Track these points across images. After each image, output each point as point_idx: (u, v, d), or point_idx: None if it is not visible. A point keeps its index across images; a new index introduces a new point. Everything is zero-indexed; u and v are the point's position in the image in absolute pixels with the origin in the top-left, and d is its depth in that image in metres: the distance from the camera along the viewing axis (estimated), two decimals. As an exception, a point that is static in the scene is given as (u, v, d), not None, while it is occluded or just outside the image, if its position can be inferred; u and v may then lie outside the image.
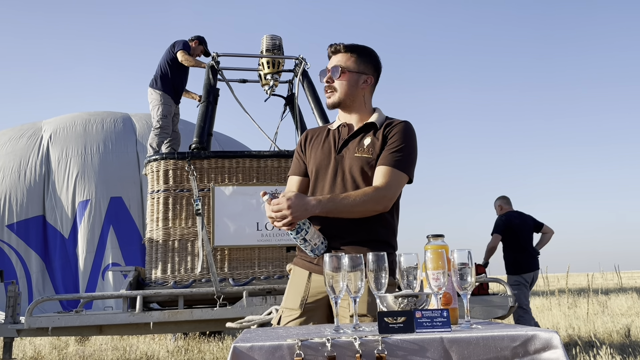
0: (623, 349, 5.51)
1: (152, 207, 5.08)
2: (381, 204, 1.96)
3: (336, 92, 2.11)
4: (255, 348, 1.31)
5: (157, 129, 6.03)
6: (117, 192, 8.88)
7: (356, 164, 2.03)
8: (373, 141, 2.05)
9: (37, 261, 8.57)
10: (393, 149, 2.01)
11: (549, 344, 1.33)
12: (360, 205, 1.92)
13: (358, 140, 2.08)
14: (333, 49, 2.15)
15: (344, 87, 2.11)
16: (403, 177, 2.01)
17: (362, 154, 2.04)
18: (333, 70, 2.11)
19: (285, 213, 1.86)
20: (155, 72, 6.25)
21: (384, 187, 1.96)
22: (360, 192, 1.95)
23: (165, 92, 6.13)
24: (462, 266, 1.55)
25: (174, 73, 6.20)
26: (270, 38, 5.99)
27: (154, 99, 6.14)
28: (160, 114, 6.05)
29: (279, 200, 1.88)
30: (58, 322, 4.57)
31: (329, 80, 2.11)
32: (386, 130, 2.06)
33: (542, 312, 9.21)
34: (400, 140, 2.03)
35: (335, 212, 1.94)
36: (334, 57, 2.14)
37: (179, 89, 6.33)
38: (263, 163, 5.15)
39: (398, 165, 2.00)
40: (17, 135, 9.49)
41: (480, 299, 5.01)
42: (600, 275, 30.13)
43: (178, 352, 6.34)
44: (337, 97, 2.12)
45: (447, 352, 1.31)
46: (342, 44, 2.14)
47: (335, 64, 2.12)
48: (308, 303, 2.01)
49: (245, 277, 4.92)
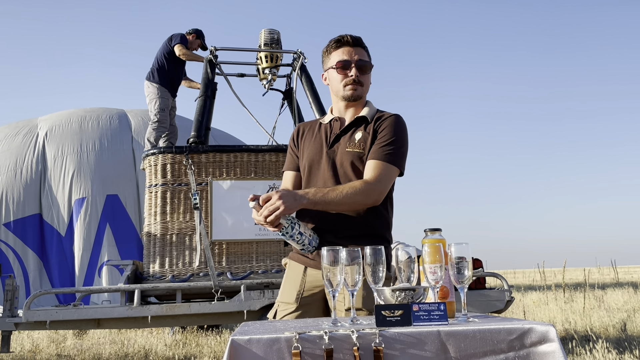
0: (619, 343, 5.54)
1: (149, 201, 5.07)
2: (370, 197, 1.96)
3: (362, 86, 2.09)
4: (253, 341, 1.31)
5: (154, 122, 6.02)
6: (113, 190, 8.88)
7: (348, 159, 2.03)
8: (364, 136, 2.05)
9: (34, 259, 8.57)
10: (383, 143, 2.01)
11: (545, 337, 1.34)
12: (349, 198, 1.92)
13: (349, 134, 2.08)
14: (353, 40, 2.10)
15: (367, 83, 2.12)
16: (393, 171, 2.01)
17: (354, 149, 2.04)
18: (363, 66, 2.08)
19: (278, 204, 1.85)
20: (152, 65, 6.23)
21: (374, 180, 1.95)
22: (348, 186, 1.94)
23: (162, 85, 6.11)
24: (459, 260, 1.55)
25: (171, 66, 6.19)
26: (268, 32, 5.97)
27: (150, 92, 6.12)
28: (157, 108, 6.04)
29: (270, 194, 1.89)
30: (56, 316, 4.58)
31: (358, 75, 2.07)
32: (377, 124, 2.06)
33: (538, 307, 9.26)
34: (391, 133, 2.02)
35: (323, 204, 1.93)
36: (354, 50, 2.09)
37: (175, 82, 6.32)
38: (261, 157, 5.15)
39: (388, 158, 1.99)
40: (12, 132, 9.46)
41: (477, 293, 5.03)
42: (596, 270, 30.27)
43: (176, 346, 6.35)
44: (362, 91, 2.10)
45: (444, 345, 1.32)
46: (355, 36, 2.11)
47: (360, 57, 2.08)
48: (304, 297, 2.01)
49: (242, 271, 4.93)
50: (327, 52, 2.15)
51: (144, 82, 6.22)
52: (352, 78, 2.07)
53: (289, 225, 1.91)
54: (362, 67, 2.08)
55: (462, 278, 1.55)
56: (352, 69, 2.07)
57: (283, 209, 1.84)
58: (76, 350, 6.34)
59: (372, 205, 1.99)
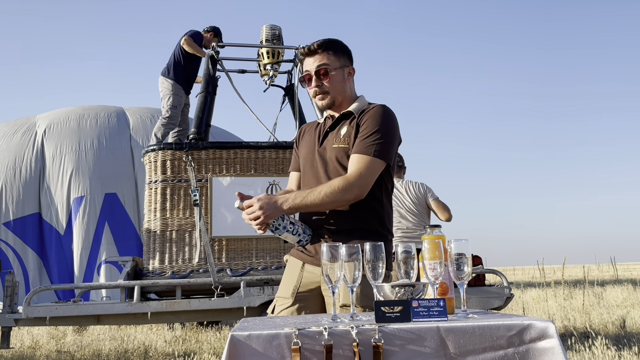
0: (618, 340, 5.55)
1: (149, 197, 5.07)
2: (350, 193, 1.92)
3: (328, 93, 2.08)
4: (252, 337, 1.31)
5: (165, 118, 5.97)
6: (111, 189, 8.88)
7: (335, 155, 2.03)
8: (349, 130, 2.04)
9: (33, 258, 8.59)
10: (365, 135, 1.99)
11: (544, 334, 1.34)
12: (328, 197, 1.91)
13: (336, 130, 2.08)
14: (306, 51, 2.10)
15: (334, 86, 2.09)
16: (376, 163, 1.96)
17: (340, 144, 2.03)
18: (320, 72, 2.07)
19: (258, 213, 1.89)
20: (169, 60, 6.17)
21: (353, 176, 1.93)
22: (327, 185, 1.94)
23: (177, 81, 6.05)
24: (458, 256, 1.55)
25: (187, 62, 6.12)
26: (270, 28, 5.96)
27: (165, 88, 6.06)
28: (170, 104, 5.98)
29: (251, 201, 1.92)
30: (56, 312, 4.58)
31: (318, 84, 2.08)
32: (359, 118, 2.05)
33: (538, 304, 9.26)
34: (372, 125, 2.00)
35: (304, 207, 1.94)
36: (311, 59, 2.09)
37: (190, 78, 6.26)
38: (261, 154, 5.14)
39: (368, 151, 1.96)
40: (11, 131, 9.45)
41: (477, 290, 5.04)
42: (596, 267, 30.29)
43: (176, 342, 6.36)
44: (330, 98, 2.09)
45: (444, 341, 1.32)
46: (314, 44, 2.09)
47: (318, 64, 2.07)
48: (300, 292, 2.02)
49: (242, 267, 4.94)
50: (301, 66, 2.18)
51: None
52: (314, 90, 2.08)
53: (273, 225, 1.94)
54: (321, 73, 2.07)
55: (461, 274, 1.55)
56: (312, 80, 2.08)
57: (263, 219, 1.90)
58: (76, 347, 6.35)
59: (356, 200, 1.96)
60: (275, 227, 1.94)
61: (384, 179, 2.04)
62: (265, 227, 1.94)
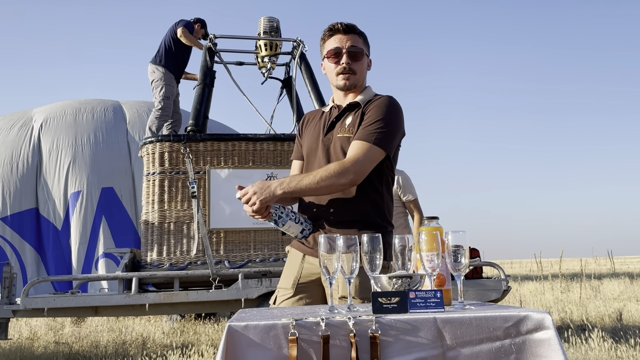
0: (615, 332, 5.58)
1: (147, 189, 5.07)
2: (345, 177, 1.90)
3: (355, 75, 2.06)
4: (250, 327, 1.32)
5: (158, 110, 5.92)
6: (108, 183, 8.86)
7: (339, 144, 2.02)
8: (354, 120, 2.04)
9: (31, 253, 8.59)
10: (367, 124, 1.98)
11: (541, 325, 1.35)
12: (323, 181, 1.89)
13: (342, 120, 2.08)
14: (345, 27, 2.07)
15: (361, 70, 2.08)
16: (375, 151, 1.94)
17: (344, 134, 2.02)
18: (355, 53, 2.05)
19: (252, 198, 1.89)
20: (159, 48, 6.12)
21: (349, 161, 1.92)
22: (323, 169, 1.93)
23: (168, 69, 6.00)
24: (456, 248, 1.56)
25: (178, 50, 6.09)
26: (267, 20, 5.94)
27: (156, 77, 6.00)
28: (162, 95, 5.93)
29: (246, 189, 1.91)
30: (54, 303, 4.59)
31: (349, 62, 2.04)
32: (365, 107, 2.04)
33: (535, 297, 9.30)
34: (376, 114, 1.99)
35: (299, 191, 1.93)
36: (342, 37, 2.05)
37: (181, 67, 6.22)
38: (259, 146, 5.14)
39: (369, 138, 1.95)
40: (8, 125, 9.41)
41: (474, 283, 5.05)
42: (593, 261, 30.40)
43: (174, 334, 6.37)
44: (355, 79, 2.07)
45: (440, 332, 1.33)
46: (348, 23, 2.07)
47: (353, 44, 2.05)
48: (300, 283, 2.03)
49: (240, 259, 4.94)
50: (322, 41, 2.13)
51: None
52: (343, 66, 2.04)
53: (276, 213, 1.93)
54: (354, 54, 2.05)
55: (458, 266, 1.56)
56: (343, 56, 2.05)
57: (258, 204, 1.88)
58: (74, 338, 6.36)
59: (351, 186, 1.95)
60: (278, 216, 1.93)
61: (384, 171, 2.03)
62: (266, 215, 1.92)
